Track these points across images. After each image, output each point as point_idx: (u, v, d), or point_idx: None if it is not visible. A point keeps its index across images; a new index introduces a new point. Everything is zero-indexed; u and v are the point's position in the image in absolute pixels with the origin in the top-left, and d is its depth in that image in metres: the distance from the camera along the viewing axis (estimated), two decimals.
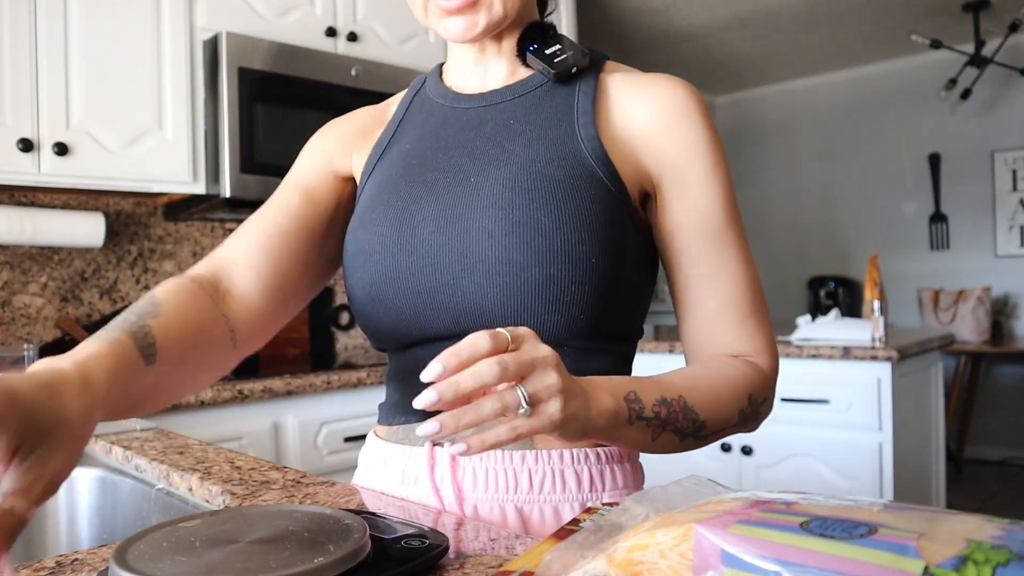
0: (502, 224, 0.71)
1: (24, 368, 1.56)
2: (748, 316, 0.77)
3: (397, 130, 0.86)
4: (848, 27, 4.37)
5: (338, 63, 2.25)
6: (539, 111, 0.78)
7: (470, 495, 0.74)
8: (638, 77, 0.81)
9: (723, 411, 0.71)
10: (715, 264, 0.76)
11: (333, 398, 1.93)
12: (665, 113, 0.76)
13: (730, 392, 0.72)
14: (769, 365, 0.77)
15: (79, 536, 1.01)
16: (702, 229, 0.76)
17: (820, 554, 0.36)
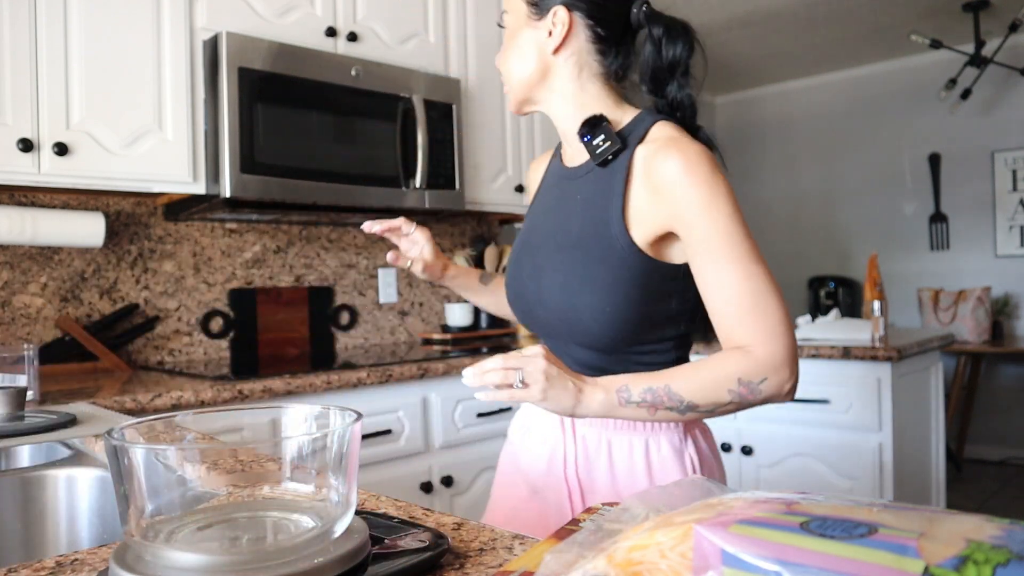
0: (555, 283, 1.07)
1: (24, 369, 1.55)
2: (748, 313, 0.95)
3: (539, 188, 1.22)
4: (848, 27, 4.37)
5: (338, 63, 2.25)
6: (591, 188, 1.06)
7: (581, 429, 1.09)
8: (654, 153, 1.00)
9: (709, 392, 0.96)
10: (717, 278, 0.97)
11: (333, 398, 1.93)
12: (669, 185, 0.98)
13: (713, 377, 0.95)
14: (764, 350, 0.95)
15: (79, 536, 1.01)
16: (705, 255, 0.97)
17: (820, 554, 0.36)
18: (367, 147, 2.30)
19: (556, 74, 1.07)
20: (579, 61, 1.06)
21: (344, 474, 0.54)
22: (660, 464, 1.05)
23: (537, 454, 1.14)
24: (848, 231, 5.31)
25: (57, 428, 1.20)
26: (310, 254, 2.68)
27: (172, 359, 2.34)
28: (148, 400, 1.62)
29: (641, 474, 1.06)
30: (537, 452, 1.14)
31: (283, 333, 2.59)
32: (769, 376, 0.95)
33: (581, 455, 1.08)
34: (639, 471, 1.06)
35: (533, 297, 1.10)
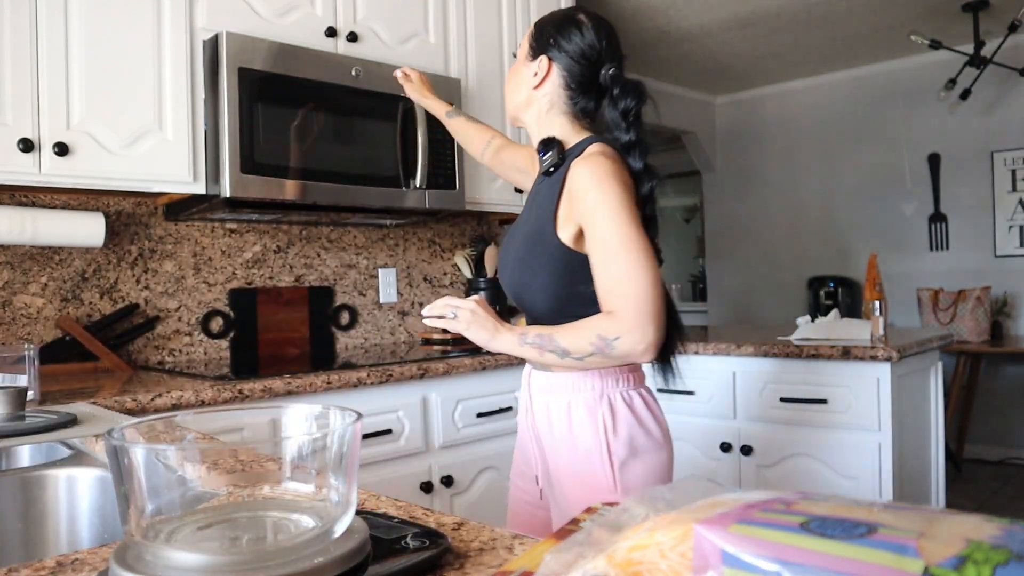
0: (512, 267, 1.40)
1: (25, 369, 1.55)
2: (617, 285, 1.22)
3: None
4: (848, 27, 4.37)
5: (338, 63, 2.25)
6: (541, 193, 1.39)
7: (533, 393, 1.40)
8: (574, 166, 1.30)
9: (578, 343, 1.25)
10: (600, 259, 1.25)
11: (333, 398, 1.93)
12: (577, 190, 1.28)
13: (581, 332, 1.25)
14: (624, 316, 1.21)
15: (79, 536, 1.01)
16: (595, 243, 1.25)
17: (820, 554, 0.36)
18: (367, 147, 2.30)
19: (535, 104, 1.42)
20: (552, 99, 1.40)
21: (344, 474, 0.54)
22: (579, 421, 1.32)
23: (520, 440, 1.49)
24: (848, 231, 5.31)
25: (57, 428, 1.20)
26: (310, 254, 2.68)
27: (172, 359, 2.34)
28: (148, 400, 1.62)
29: (565, 429, 1.34)
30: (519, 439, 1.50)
31: (283, 333, 2.59)
32: (623, 336, 1.21)
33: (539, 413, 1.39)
34: (564, 426, 1.34)
35: (504, 274, 1.44)
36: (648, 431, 1.32)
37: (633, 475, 1.29)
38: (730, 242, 5.96)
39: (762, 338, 2.63)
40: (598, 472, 1.29)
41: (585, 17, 1.39)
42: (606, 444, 1.29)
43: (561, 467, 1.34)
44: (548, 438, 1.36)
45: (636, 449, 1.30)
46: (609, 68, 1.37)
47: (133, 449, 0.51)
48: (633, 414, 1.31)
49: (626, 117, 1.37)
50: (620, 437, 1.29)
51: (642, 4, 3.92)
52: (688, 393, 2.62)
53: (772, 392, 2.44)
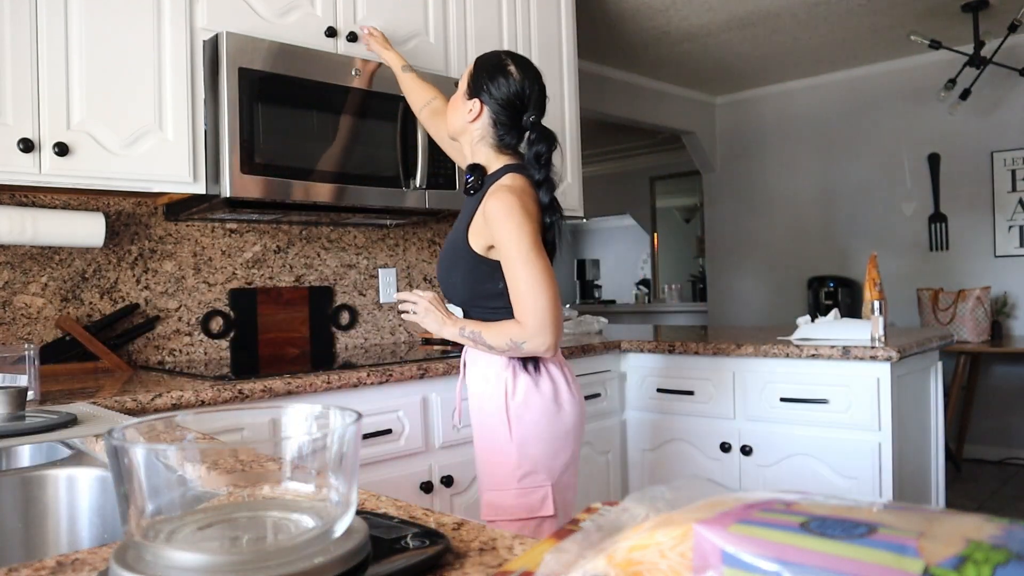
0: (442, 272, 1.75)
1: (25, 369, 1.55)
2: (522, 299, 1.56)
3: None
4: (848, 27, 4.37)
5: (338, 63, 2.25)
6: (466, 207, 1.73)
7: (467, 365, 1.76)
8: (490, 193, 1.61)
9: (498, 341, 1.59)
10: (511, 275, 1.58)
11: (333, 398, 1.93)
12: (489, 216, 1.59)
13: (500, 334, 1.59)
14: (528, 324, 1.55)
15: (79, 536, 1.01)
16: (506, 262, 1.58)
17: (820, 554, 0.36)
18: (367, 147, 2.30)
19: (468, 133, 1.72)
20: (482, 133, 1.70)
21: (344, 474, 0.54)
22: (491, 384, 1.66)
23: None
24: (848, 231, 5.31)
25: (57, 428, 1.20)
26: (310, 254, 2.68)
27: (172, 359, 2.34)
28: (148, 400, 1.62)
29: (480, 389, 1.68)
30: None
31: (283, 333, 2.59)
32: (528, 340, 1.55)
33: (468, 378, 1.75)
34: (480, 387, 1.68)
35: (438, 271, 1.77)
36: (543, 394, 1.63)
37: (525, 426, 1.62)
38: (730, 242, 5.96)
39: (762, 338, 2.63)
40: (498, 424, 1.64)
41: (515, 68, 1.66)
42: (505, 401, 1.63)
43: (475, 420, 1.70)
44: (471, 397, 1.73)
45: (529, 407, 1.62)
46: (530, 115, 1.67)
47: (133, 449, 0.51)
48: (532, 381, 1.63)
49: (538, 159, 1.65)
50: (517, 397, 1.62)
51: (642, 4, 3.92)
52: (688, 393, 2.62)
53: (772, 392, 2.44)
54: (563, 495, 1.65)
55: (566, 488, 1.67)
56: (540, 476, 1.61)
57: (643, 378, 2.73)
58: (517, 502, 1.61)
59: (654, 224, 8.30)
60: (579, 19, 3.51)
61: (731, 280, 5.98)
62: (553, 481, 1.62)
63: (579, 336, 3.00)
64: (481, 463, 1.70)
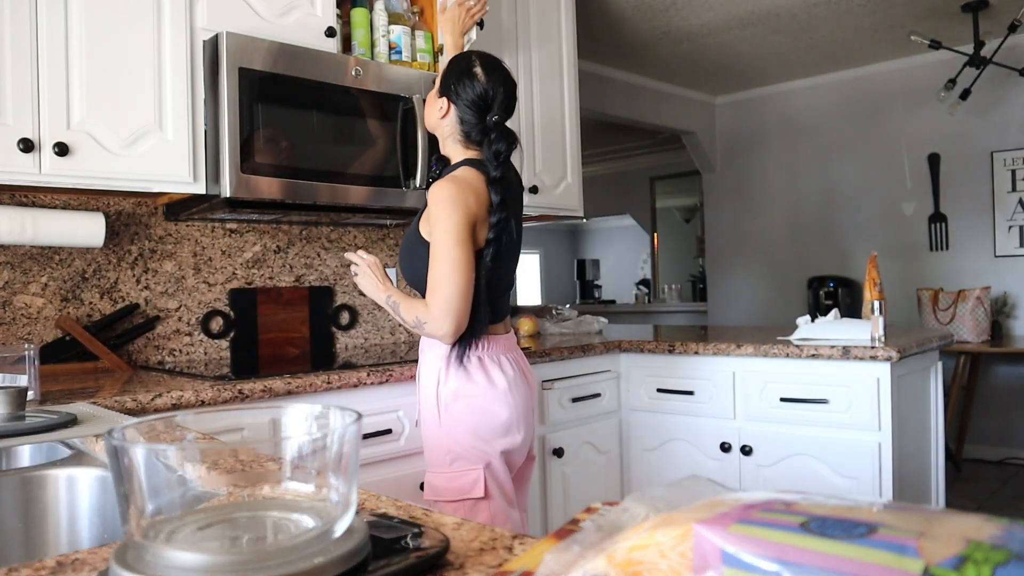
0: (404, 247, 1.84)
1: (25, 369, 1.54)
2: (433, 286, 1.65)
3: None
4: (848, 27, 4.37)
5: (338, 63, 2.25)
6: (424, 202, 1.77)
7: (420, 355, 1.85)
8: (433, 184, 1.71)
9: (408, 316, 1.71)
10: (430, 264, 1.67)
11: (333, 398, 1.93)
12: (428, 205, 1.70)
13: (410, 309, 1.70)
14: (432, 308, 1.65)
15: (79, 536, 1.01)
16: (430, 250, 1.67)
17: (820, 554, 0.36)
18: (367, 147, 2.30)
19: (440, 129, 1.83)
20: (451, 128, 1.80)
21: (344, 474, 0.54)
22: (427, 373, 1.76)
23: None
24: (848, 231, 5.31)
25: (57, 428, 1.20)
26: (310, 254, 2.68)
27: (172, 359, 2.34)
28: (148, 400, 1.62)
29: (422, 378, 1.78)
30: None
31: (283, 333, 2.59)
32: (429, 322, 1.65)
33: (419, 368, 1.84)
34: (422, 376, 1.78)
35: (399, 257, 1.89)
36: (476, 385, 1.71)
37: (453, 415, 1.70)
38: (730, 242, 5.96)
39: (762, 338, 2.63)
40: (430, 411, 1.74)
41: (481, 70, 1.76)
42: (436, 390, 1.72)
43: (419, 406, 1.80)
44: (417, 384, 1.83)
45: (459, 397, 1.70)
46: (493, 116, 1.75)
47: (133, 449, 0.51)
48: (463, 369, 1.71)
49: (497, 157, 1.73)
50: (449, 387, 1.71)
51: (642, 4, 3.92)
52: (688, 393, 2.62)
53: (772, 392, 2.44)
54: (498, 477, 1.72)
55: (511, 468, 1.77)
56: (468, 461, 1.70)
57: (643, 378, 2.73)
58: (450, 485, 1.71)
59: (654, 224, 8.30)
60: (579, 19, 3.51)
61: (731, 280, 5.97)
62: (485, 464, 1.70)
63: (579, 336, 3.00)
64: (424, 447, 1.80)
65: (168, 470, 0.52)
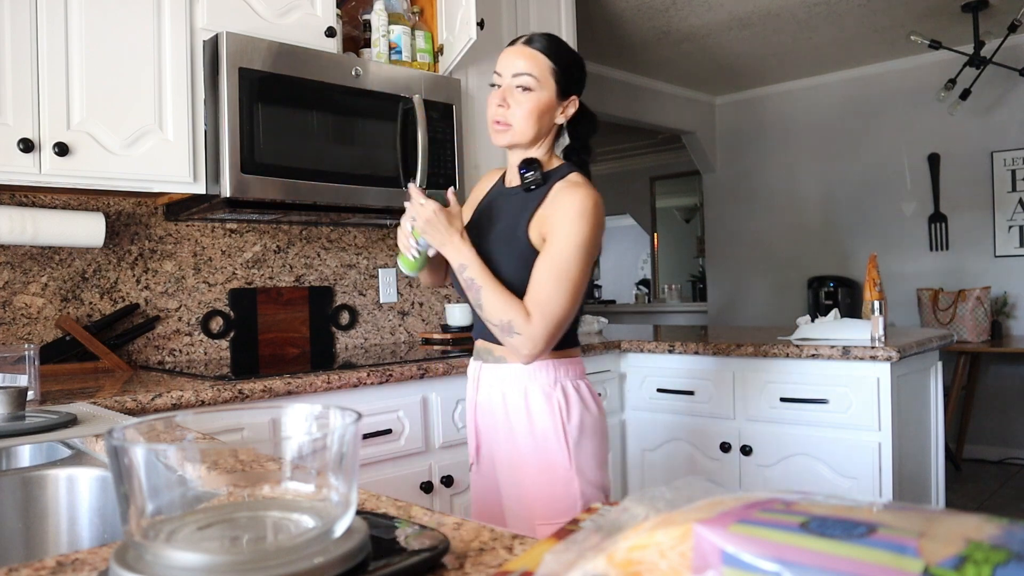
0: (496, 260, 1.53)
1: (25, 369, 1.54)
2: (544, 301, 1.45)
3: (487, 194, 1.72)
4: (848, 27, 4.37)
5: (338, 63, 2.25)
6: (518, 204, 1.57)
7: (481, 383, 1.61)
8: (559, 193, 1.51)
9: (493, 313, 1.46)
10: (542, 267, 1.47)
11: (333, 398, 1.93)
12: (559, 214, 1.48)
13: (502, 306, 1.45)
14: (534, 323, 1.43)
15: (80, 536, 1.01)
16: (545, 258, 1.47)
17: (820, 554, 0.36)
18: (367, 147, 2.30)
19: (549, 136, 1.59)
20: (553, 131, 1.60)
21: (344, 474, 0.54)
22: (537, 407, 1.50)
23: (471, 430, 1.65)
24: (848, 231, 5.31)
25: (57, 428, 1.20)
26: (310, 254, 2.68)
27: (172, 359, 2.34)
28: (148, 400, 1.62)
29: (523, 415, 1.51)
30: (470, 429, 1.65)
31: (283, 333, 2.59)
32: (522, 337, 1.44)
33: (487, 404, 1.58)
34: (522, 412, 1.51)
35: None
36: (592, 415, 1.54)
37: (584, 453, 1.50)
38: (730, 242, 5.96)
39: (762, 338, 2.63)
40: (554, 450, 1.49)
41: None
42: (562, 426, 1.49)
43: (517, 450, 1.52)
44: (501, 424, 1.54)
45: (585, 430, 1.51)
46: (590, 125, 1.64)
47: (133, 449, 0.51)
48: (581, 400, 1.53)
49: (586, 165, 1.61)
50: (572, 420, 1.50)
51: (642, 4, 3.92)
52: (688, 393, 2.62)
53: (772, 392, 2.44)
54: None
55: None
56: (601, 497, 1.53)
57: (643, 378, 2.73)
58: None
59: (654, 224, 8.30)
60: (579, 19, 3.51)
61: (731, 280, 5.98)
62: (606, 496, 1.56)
63: (579, 336, 3.00)
64: (534, 495, 1.51)
65: (168, 470, 0.52)
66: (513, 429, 1.52)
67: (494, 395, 1.56)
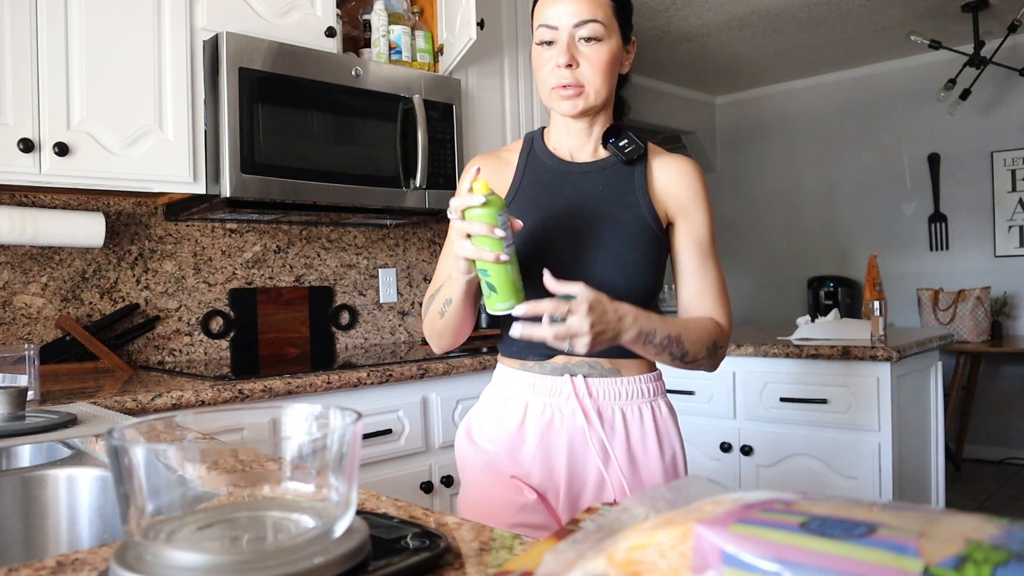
0: (618, 267, 1.22)
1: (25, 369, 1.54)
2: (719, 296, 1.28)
3: (522, 181, 1.29)
4: (848, 27, 4.37)
5: (338, 63, 2.25)
6: (616, 183, 1.26)
7: (595, 402, 1.23)
8: (668, 160, 1.29)
9: (699, 348, 1.21)
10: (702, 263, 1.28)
11: (333, 398, 1.93)
12: (688, 187, 1.27)
13: (705, 338, 1.22)
14: (728, 328, 1.27)
15: (80, 536, 1.01)
16: (698, 244, 1.28)
17: (820, 554, 0.36)
18: (367, 147, 2.30)
19: (609, 84, 1.24)
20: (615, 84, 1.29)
21: (344, 474, 0.54)
22: (666, 422, 1.27)
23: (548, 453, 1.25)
24: (848, 231, 5.31)
25: (57, 428, 1.20)
26: (310, 254, 2.68)
27: (172, 359, 2.34)
28: (148, 400, 1.62)
29: (653, 434, 1.25)
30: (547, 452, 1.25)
31: (283, 333, 2.59)
32: (724, 346, 1.27)
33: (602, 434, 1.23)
34: (652, 431, 1.25)
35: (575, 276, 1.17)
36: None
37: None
38: (730, 242, 5.96)
39: (762, 338, 2.63)
40: (681, 473, 1.28)
41: None
42: (681, 442, 1.30)
43: (649, 474, 1.24)
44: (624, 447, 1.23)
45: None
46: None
47: (133, 449, 0.51)
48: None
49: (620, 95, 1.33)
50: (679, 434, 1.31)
51: (642, 4, 3.92)
52: (688, 393, 2.62)
53: (772, 392, 2.44)
54: None
55: None
56: None
57: None
58: None
59: None
60: None
61: (731, 280, 5.96)
62: None
63: None
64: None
65: (168, 470, 0.52)
66: (646, 450, 1.24)
67: (608, 419, 1.23)
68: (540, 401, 1.25)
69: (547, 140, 1.32)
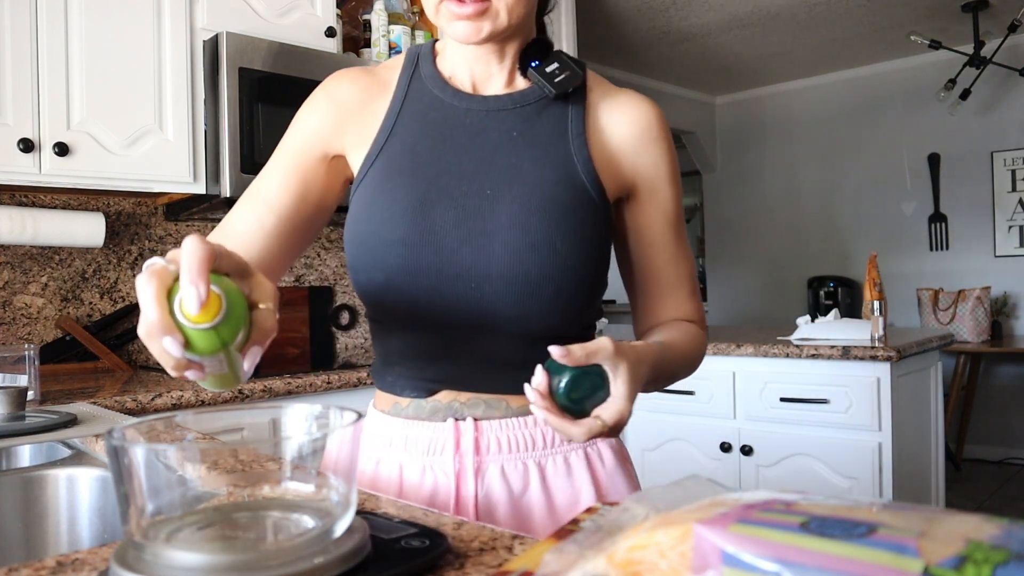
0: (522, 243, 0.81)
1: (25, 369, 1.55)
2: (694, 291, 0.97)
3: (397, 119, 0.89)
4: (848, 27, 4.37)
5: (338, 63, 2.25)
6: (538, 126, 0.86)
7: (496, 458, 0.85)
8: (616, 96, 0.91)
9: (686, 369, 0.92)
10: (675, 250, 0.94)
11: (333, 398, 1.93)
12: (641, 133, 0.89)
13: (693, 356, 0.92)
14: (703, 328, 0.98)
15: (79, 536, 1.01)
16: (666, 221, 0.93)
17: (820, 554, 0.36)
18: None
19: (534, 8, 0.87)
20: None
21: (344, 474, 0.54)
22: (607, 478, 0.89)
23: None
24: (848, 231, 5.31)
25: (57, 428, 1.20)
26: (310, 254, 2.68)
27: None
28: (148, 400, 1.62)
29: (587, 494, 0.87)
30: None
31: (283, 333, 2.59)
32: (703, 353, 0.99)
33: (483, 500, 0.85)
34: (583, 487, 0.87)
35: (467, 274, 0.82)
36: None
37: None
38: (730, 242, 5.96)
39: (762, 338, 2.63)
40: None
41: None
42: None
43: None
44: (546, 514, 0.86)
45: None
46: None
47: (133, 449, 0.51)
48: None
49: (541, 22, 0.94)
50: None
51: (642, 4, 3.92)
52: (688, 393, 2.62)
53: (772, 392, 2.44)
54: None
55: None
56: None
57: None
58: None
59: None
60: (579, 19, 3.51)
61: (731, 280, 5.97)
62: None
63: None
64: None
65: (168, 470, 0.52)
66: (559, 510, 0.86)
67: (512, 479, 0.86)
68: (418, 463, 0.89)
69: (438, 61, 0.91)
